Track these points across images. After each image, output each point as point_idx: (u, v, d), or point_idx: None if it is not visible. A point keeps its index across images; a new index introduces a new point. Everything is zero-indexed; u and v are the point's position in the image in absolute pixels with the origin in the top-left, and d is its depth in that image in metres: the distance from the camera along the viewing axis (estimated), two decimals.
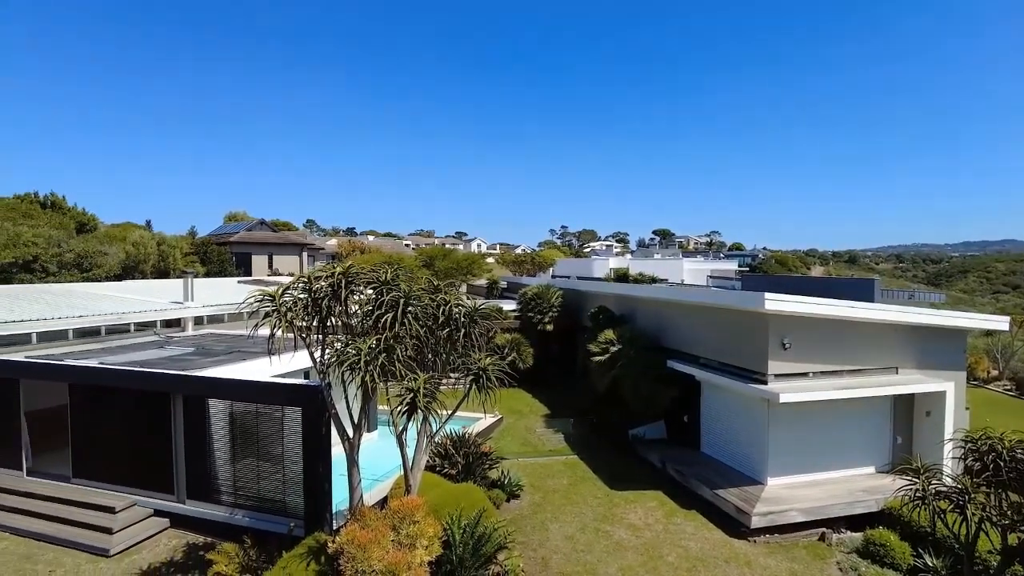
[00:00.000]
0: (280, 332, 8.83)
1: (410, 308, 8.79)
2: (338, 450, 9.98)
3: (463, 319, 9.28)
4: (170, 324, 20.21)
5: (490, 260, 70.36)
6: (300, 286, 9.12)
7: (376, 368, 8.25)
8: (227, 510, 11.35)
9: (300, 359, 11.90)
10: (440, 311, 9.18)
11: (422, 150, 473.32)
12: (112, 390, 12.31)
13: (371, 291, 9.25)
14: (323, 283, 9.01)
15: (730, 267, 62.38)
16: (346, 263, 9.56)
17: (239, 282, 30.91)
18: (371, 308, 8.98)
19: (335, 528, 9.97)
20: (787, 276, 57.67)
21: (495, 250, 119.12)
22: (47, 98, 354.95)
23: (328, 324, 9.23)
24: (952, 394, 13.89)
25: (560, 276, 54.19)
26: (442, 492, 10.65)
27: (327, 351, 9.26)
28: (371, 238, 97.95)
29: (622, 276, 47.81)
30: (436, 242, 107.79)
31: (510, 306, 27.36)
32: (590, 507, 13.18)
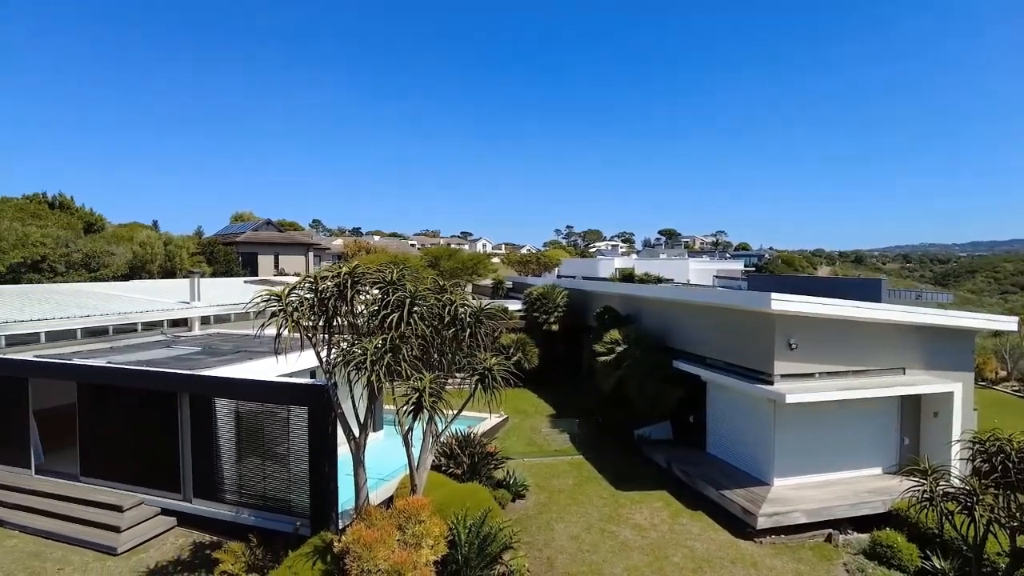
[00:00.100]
0: (286, 332, 8.86)
1: (416, 308, 8.81)
2: (344, 449, 10.00)
3: (469, 319, 9.30)
4: (177, 324, 20.33)
5: (495, 260, 70.32)
6: (306, 286, 9.15)
7: (382, 368, 8.28)
8: (233, 509, 11.39)
9: (306, 359, 12.00)
10: (446, 311, 9.21)
11: (422, 150, 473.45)
12: (119, 389, 12.39)
13: (377, 291, 9.28)
14: (329, 283, 9.04)
15: (736, 267, 62.35)
16: (352, 263, 9.58)
17: (245, 282, 31.07)
18: (377, 308, 9.01)
19: (341, 527, 10.01)
20: (793, 276, 57.55)
21: (500, 250, 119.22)
22: (47, 97, 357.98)
23: (334, 324, 9.27)
24: (960, 395, 13.80)
25: (566, 276, 54.14)
26: (448, 492, 10.65)
27: (333, 351, 9.30)
28: (377, 238, 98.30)
29: (628, 276, 47.85)
30: (441, 242, 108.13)
31: (515, 306, 27.33)
32: (595, 507, 13.17)
